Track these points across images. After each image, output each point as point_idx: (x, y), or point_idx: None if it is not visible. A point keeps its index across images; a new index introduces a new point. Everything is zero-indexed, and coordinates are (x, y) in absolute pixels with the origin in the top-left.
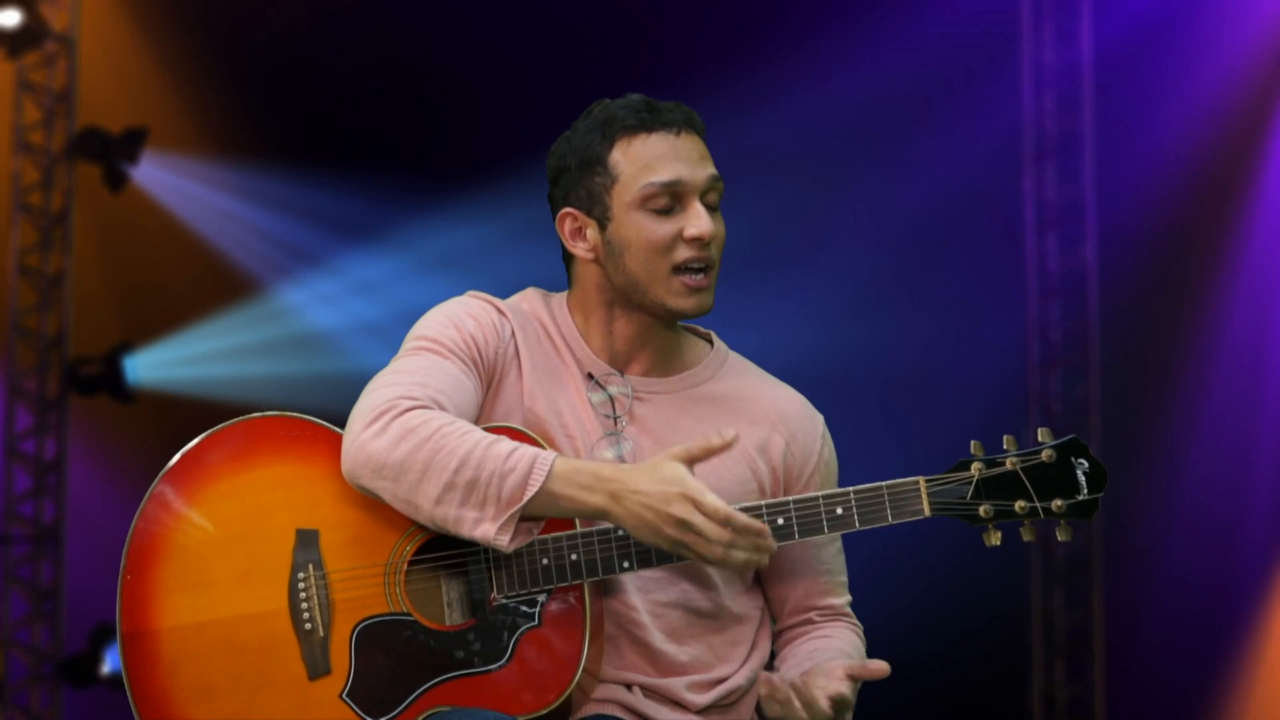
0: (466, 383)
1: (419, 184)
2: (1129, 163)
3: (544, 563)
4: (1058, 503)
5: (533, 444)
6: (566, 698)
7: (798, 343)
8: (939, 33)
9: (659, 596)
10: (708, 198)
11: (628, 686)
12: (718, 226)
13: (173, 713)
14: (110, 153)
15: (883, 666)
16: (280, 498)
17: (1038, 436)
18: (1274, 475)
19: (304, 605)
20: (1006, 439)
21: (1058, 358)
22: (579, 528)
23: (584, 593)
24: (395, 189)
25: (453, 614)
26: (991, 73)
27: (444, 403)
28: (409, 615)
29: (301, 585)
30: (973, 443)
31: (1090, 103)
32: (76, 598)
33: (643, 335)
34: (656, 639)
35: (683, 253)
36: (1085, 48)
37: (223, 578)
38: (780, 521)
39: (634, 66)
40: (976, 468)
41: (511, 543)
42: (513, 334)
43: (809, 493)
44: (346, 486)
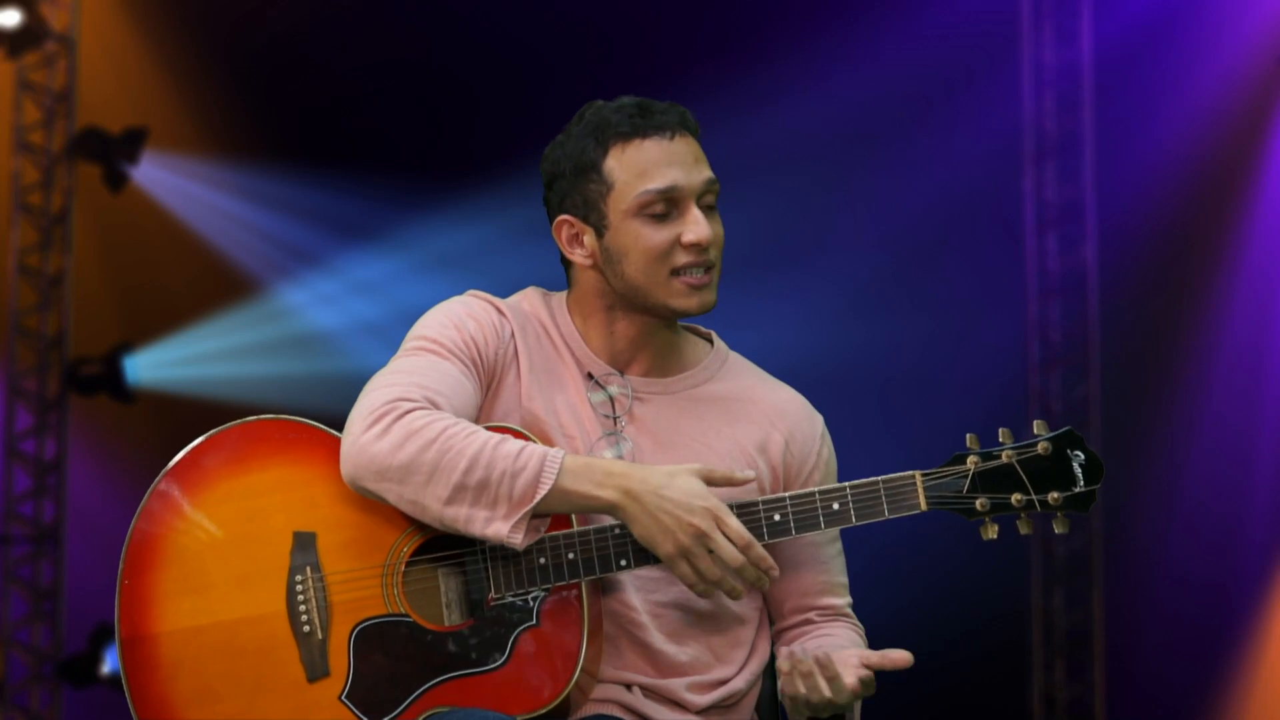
0: (466, 384)
1: (419, 184)
2: (1129, 163)
3: (541, 562)
4: (1054, 495)
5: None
6: (565, 697)
7: (798, 343)
8: (939, 33)
9: (658, 597)
10: (704, 200)
11: (627, 687)
12: (716, 229)
13: (172, 716)
14: (110, 153)
15: (905, 656)
16: (277, 500)
17: (1034, 429)
18: (1274, 475)
19: (302, 608)
20: (1002, 432)
21: (1058, 358)
22: (575, 526)
23: (581, 591)
24: (395, 189)
25: (451, 614)
26: (991, 73)
27: (443, 403)
28: (407, 616)
29: (299, 588)
30: (968, 436)
31: (1090, 103)
32: (76, 598)
33: (643, 336)
34: (656, 639)
35: (681, 258)
36: (1085, 48)
37: (221, 581)
38: (777, 517)
39: (634, 66)
40: (972, 461)
41: (524, 540)
42: (512, 334)
43: (805, 489)
44: (344, 488)
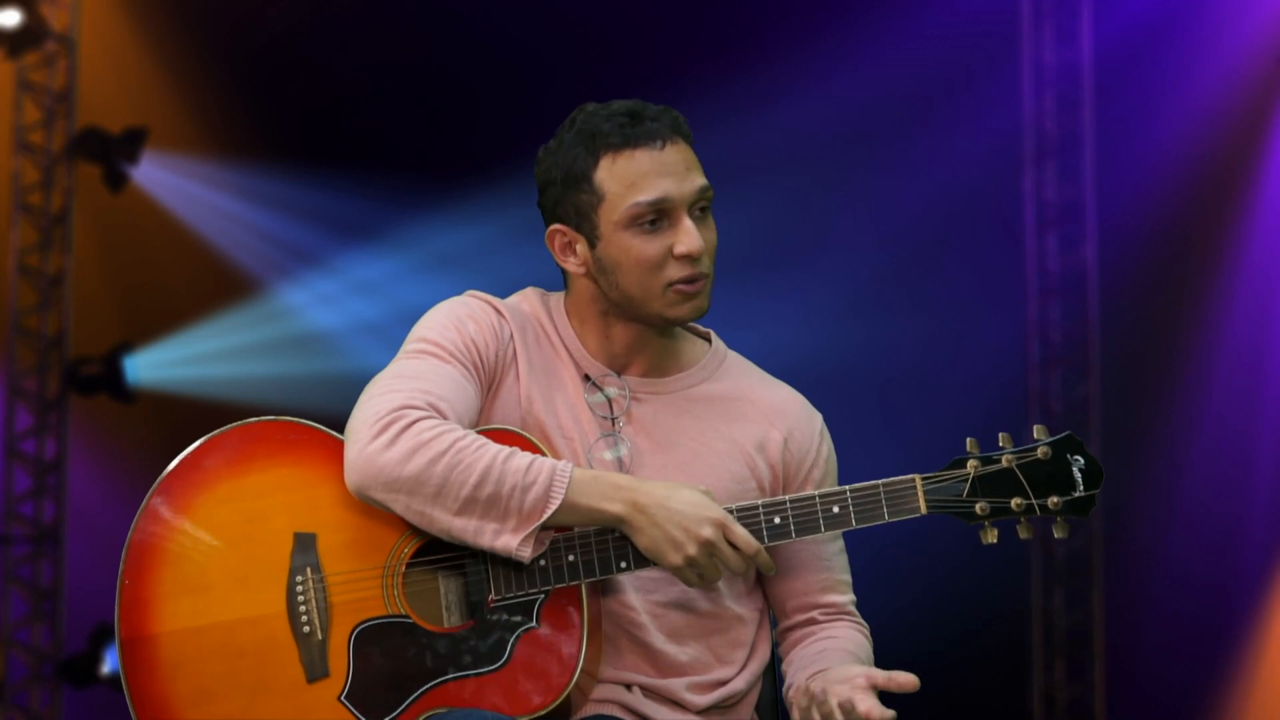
0: (467, 387)
1: (419, 184)
2: (1129, 163)
3: (541, 564)
4: (1054, 500)
5: (532, 447)
6: (565, 698)
7: (798, 343)
8: (939, 33)
9: (659, 597)
10: (697, 206)
11: (627, 687)
12: (708, 236)
13: (172, 716)
14: (110, 153)
15: (910, 679)
16: (278, 501)
17: (1034, 434)
18: (1274, 475)
19: (302, 608)
20: (1002, 436)
21: (1058, 358)
22: (576, 529)
23: (581, 593)
24: (395, 189)
25: (451, 616)
26: (991, 73)
27: (446, 409)
28: (407, 617)
29: (299, 588)
30: (968, 440)
31: (1090, 103)
32: (76, 598)
33: (639, 340)
34: (656, 639)
35: (674, 270)
36: (1085, 48)
37: (221, 582)
38: (777, 520)
39: (634, 66)
40: (972, 465)
41: (531, 553)
42: (511, 336)
43: (805, 491)
44: (344, 490)
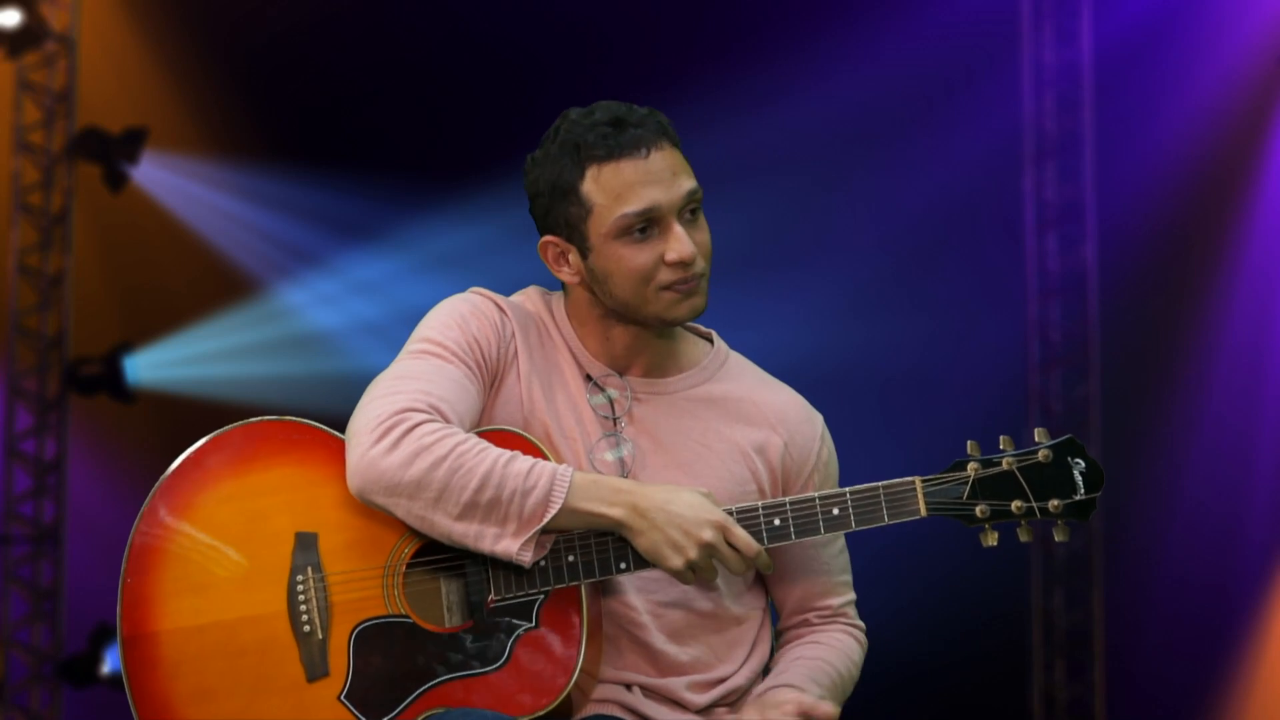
0: (470, 388)
1: (419, 184)
2: (1129, 163)
3: (541, 565)
4: (1054, 503)
5: (534, 449)
6: (563, 699)
7: (798, 343)
8: (939, 33)
9: (660, 597)
10: (687, 210)
11: (627, 687)
12: (701, 237)
13: (172, 715)
14: (110, 153)
15: (830, 712)
16: (280, 501)
17: (1034, 436)
18: (1274, 475)
19: (303, 608)
20: (1003, 439)
21: (1058, 358)
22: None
23: (581, 594)
24: (395, 189)
25: (451, 616)
26: (991, 73)
27: (447, 410)
28: (407, 618)
29: (300, 588)
30: (969, 443)
31: (1090, 103)
32: (76, 598)
33: (639, 342)
34: (657, 639)
35: (667, 276)
36: (1085, 48)
37: (222, 580)
38: (776, 522)
39: (634, 66)
40: (973, 468)
41: (532, 558)
42: (513, 334)
43: (805, 493)
44: (346, 490)
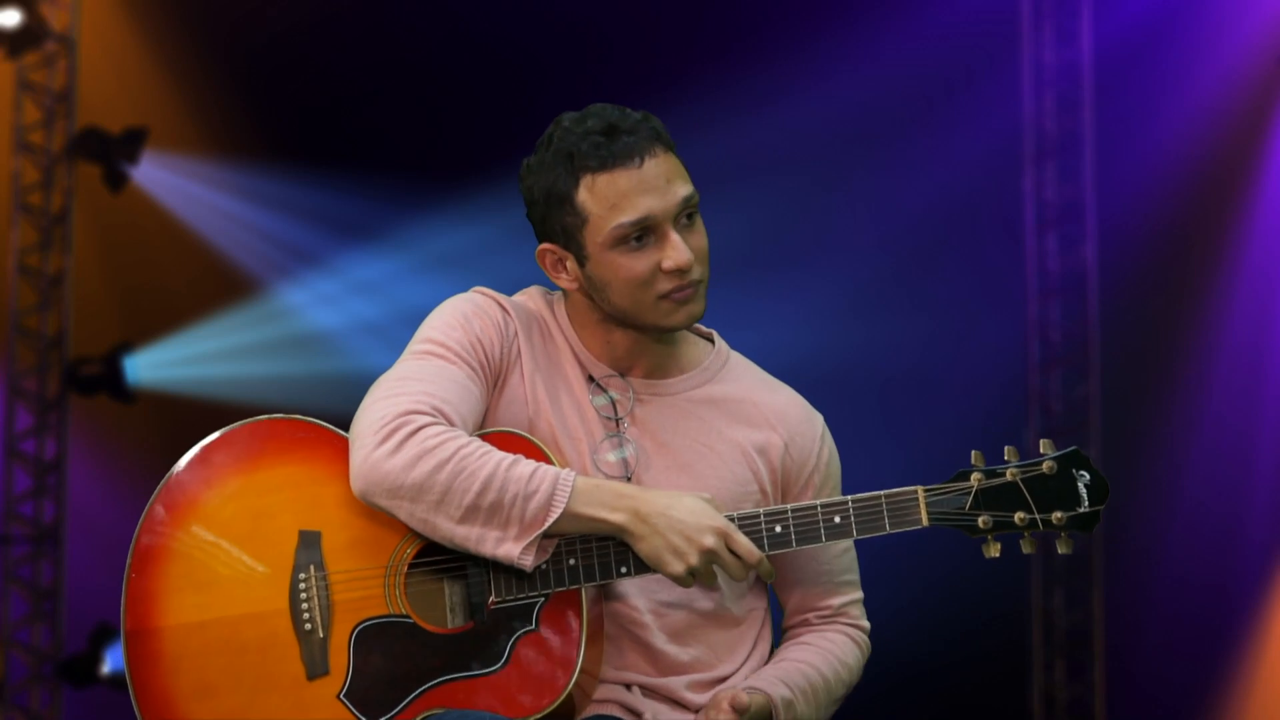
0: (473, 389)
1: (419, 184)
2: (1129, 163)
3: (542, 568)
4: (1058, 515)
5: (537, 452)
6: (563, 701)
7: (798, 343)
8: (939, 33)
9: (662, 597)
10: (683, 215)
11: (627, 686)
12: (698, 242)
13: (173, 710)
14: (110, 153)
15: (741, 701)
16: (284, 499)
17: (1039, 447)
18: (1274, 475)
19: (304, 606)
20: (1007, 450)
21: (1058, 358)
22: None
23: (581, 597)
24: (395, 189)
25: (454, 617)
26: (991, 73)
27: (450, 412)
28: (408, 618)
29: (302, 586)
30: (973, 453)
31: (1090, 103)
32: (76, 598)
33: (640, 345)
34: (659, 640)
35: (664, 284)
36: (1085, 48)
37: (225, 577)
38: (778, 530)
39: (634, 66)
40: (976, 478)
41: (534, 561)
42: (516, 334)
43: (807, 501)
44: (350, 489)
